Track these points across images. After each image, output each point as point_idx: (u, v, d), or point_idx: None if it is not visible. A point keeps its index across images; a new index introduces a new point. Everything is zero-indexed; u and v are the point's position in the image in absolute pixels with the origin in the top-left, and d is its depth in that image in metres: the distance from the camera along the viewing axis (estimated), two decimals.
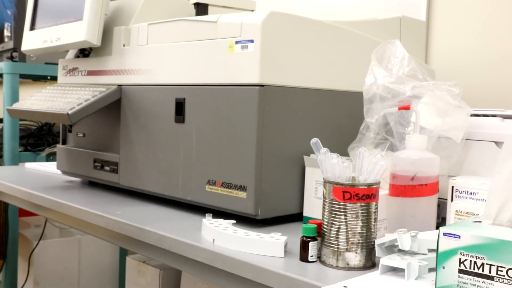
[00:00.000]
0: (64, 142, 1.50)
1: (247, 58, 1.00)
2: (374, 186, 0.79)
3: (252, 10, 1.35)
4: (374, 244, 0.80)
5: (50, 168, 1.69)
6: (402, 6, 1.54)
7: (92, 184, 1.45)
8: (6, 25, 2.06)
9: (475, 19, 1.44)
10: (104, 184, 1.37)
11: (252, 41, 0.99)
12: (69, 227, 1.78)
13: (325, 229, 0.81)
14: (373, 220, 0.80)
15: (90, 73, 1.38)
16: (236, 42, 1.01)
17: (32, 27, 1.48)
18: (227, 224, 0.94)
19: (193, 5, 1.30)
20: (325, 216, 0.81)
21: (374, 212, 0.80)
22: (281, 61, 1.02)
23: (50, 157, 2.13)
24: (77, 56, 1.44)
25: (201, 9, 1.31)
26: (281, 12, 1.03)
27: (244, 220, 1.03)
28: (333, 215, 0.79)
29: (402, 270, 0.73)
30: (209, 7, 1.30)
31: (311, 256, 0.82)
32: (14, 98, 2.06)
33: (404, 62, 1.02)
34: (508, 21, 1.39)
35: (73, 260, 2.36)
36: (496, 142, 0.95)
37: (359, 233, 0.79)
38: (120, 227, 1.06)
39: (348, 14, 1.37)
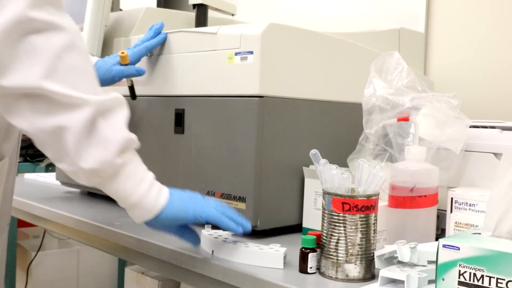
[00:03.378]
0: None
1: (246, 70, 1.00)
2: (373, 198, 0.79)
3: (233, 14, 1.36)
4: (373, 255, 0.80)
5: (49, 178, 1.69)
6: (401, 18, 1.54)
7: (91, 195, 1.45)
8: None
9: (474, 31, 1.45)
10: (104, 195, 1.37)
11: (251, 52, 0.99)
12: (67, 238, 1.78)
13: (324, 241, 0.81)
14: (372, 232, 0.80)
15: None
16: (236, 54, 1.02)
17: None
18: (226, 235, 0.93)
19: (192, 6, 1.31)
20: (324, 228, 0.81)
21: (374, 224, 0.80)
22: (281, 72, 1.02)
23: (50, 168, 2.13)
24: None
25: (201, 10, 1.32)
26: (280, 23, 1.03)
27: None
28: (332, 227, 0.79)
29: (402, 282, 0.73)
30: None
31: (311, 268, 0.81)
32: None
33: (403, 73, 1.02)
34: (506, 33, 1.39)
35: (72, 271, 2.35)
36: (495, 154, 0.96)
37: (359, 244, 0.78)
38: (119, 238, 1.06)
39: (347, 26, 1.38)
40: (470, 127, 0.98)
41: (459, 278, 0.65)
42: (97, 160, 0.74)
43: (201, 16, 1.33)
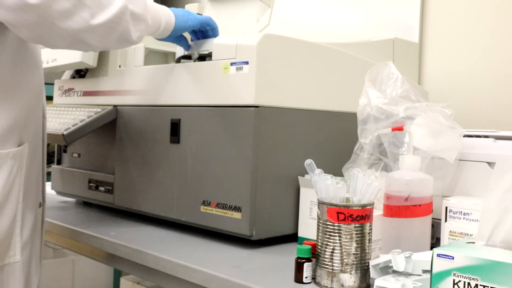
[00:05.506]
0: (59, 163, 1.50)
1: (242, 80, 1.01)
2: (368, 207, 0.80)
3: None
4: (368, 265, 0.80)
5: None
6: (395, 28, 1.55)
7: (87, 205, 1.45)
8: None
9: (467, 41, 1.46)
10: (99, 204, 1.37)
11: (247, 62, 1.00)
12: (62, 248, 1.77)
13: (319, 250, 0.81)
14: (367, 241, 0.80)
15: (86, 93, 1.38)
16: (231, 64, 1.02)
17: None
18: None
19: None
20: (320, 237, 0.81)
21: (369, 233, 0.80)
22: (276, 82, 1.03)
23: None
24: (73, 77, 1.45)
25: None
26: (275, 34, 1.04)
27: (239, 240, 1.03)
28: (328, 236, 0.79)
29: None
30: None
31: (306, 277, 0.81)
32: None
33: (397, 83, 1.03)
34: (499, 43, 1.41)
35: (67, 281, 2.34)
36: (488, 163, 0.96)
37: (354, 254, 0.79)
38: (114, 248, 1.06)
39: (342, 36, 1.39)
40: (464, 136, 0.99)
41: (453, 287, 0.65)
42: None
43: None
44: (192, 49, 1.14)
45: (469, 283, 0.64)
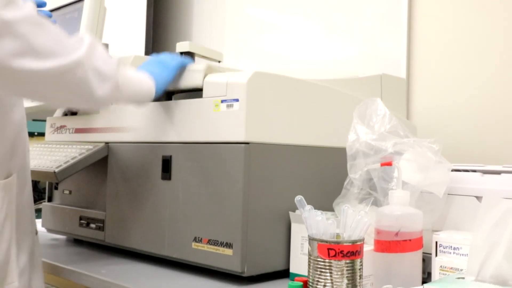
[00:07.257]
0: (50, 199, 1.49)
1: (232, 117, 1.02)
2: (358, 243, 0.80)
3: (219, 61, 1.38)
4: None
5: None
6: (383, 64, 1.59)
7: (77, 242, 1.44)
8: None
9: (454, 75, 1.49)
10: (90, 241, 1.36)
11: (237, 100, 1.02)
12: (52, 286, 1.75)
13: (311, 287, 0.81)
14: (358, 277, 0.80)
15: (78, 130, 1.39)
16: (222, 101, 1.04)
17: None
18: None
19: (179, 54, 1.34)
20: (311, 273, 0.81)
21: (359, 269, 0.80)
22: (266, 119, 1.05)
23: (36, 214, 2.11)
24: (65, 114, 1.46)
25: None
26: (265, 72, 1.06)
27: (231, 277, 1.03)
28: (319, 273, 0.80)
29: None
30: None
31: None
32: None
33: (385, 119, 1.05)
34: (485, 78, 1.44)
35: None
36: (477, 197, 0.97)
37: None
38: (105, 287, 1.05)
39: (330, 72, 1.42)
40: (452, 170, 1.00)
41: None
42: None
43: None
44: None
45: None
